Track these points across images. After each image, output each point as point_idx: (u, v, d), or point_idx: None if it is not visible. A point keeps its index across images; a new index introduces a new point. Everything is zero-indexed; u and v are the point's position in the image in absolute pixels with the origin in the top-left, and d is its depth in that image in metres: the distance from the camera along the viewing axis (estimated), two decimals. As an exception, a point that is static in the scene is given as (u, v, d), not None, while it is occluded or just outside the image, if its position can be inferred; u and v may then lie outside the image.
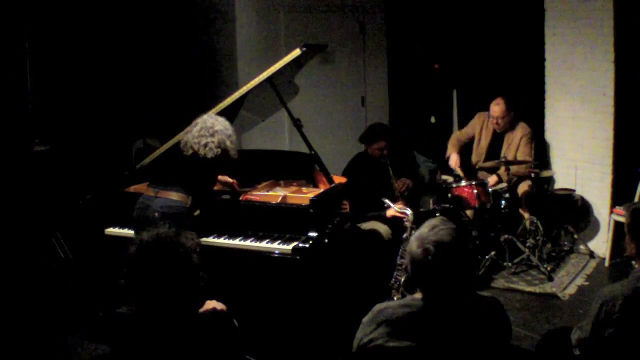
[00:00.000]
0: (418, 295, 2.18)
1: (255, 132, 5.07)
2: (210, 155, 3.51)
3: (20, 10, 5.20)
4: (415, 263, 2.09)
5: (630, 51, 4.97)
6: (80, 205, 4.22)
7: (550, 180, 5.69)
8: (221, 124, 3.58)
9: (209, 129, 3.54)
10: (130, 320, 2.08)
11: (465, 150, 5.64)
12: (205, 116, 3.62)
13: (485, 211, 5.02)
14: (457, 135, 5.72)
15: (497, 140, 5.42)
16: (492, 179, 5.15)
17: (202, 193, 3.68)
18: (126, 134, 5.87)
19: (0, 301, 4.37)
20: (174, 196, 3.53)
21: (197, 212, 3.69)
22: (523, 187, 5.19)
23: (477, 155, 5.53)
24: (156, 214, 3.47)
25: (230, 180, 4.10)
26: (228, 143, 3.58)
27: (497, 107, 5.25)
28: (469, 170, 5.47)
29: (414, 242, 2.11)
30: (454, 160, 5.48)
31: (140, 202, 3.63)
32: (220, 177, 4.03)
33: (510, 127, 5.33)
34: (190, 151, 3.55)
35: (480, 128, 5.53)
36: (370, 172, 4.69)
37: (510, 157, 5.20)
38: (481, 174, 5.44)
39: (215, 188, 3.98)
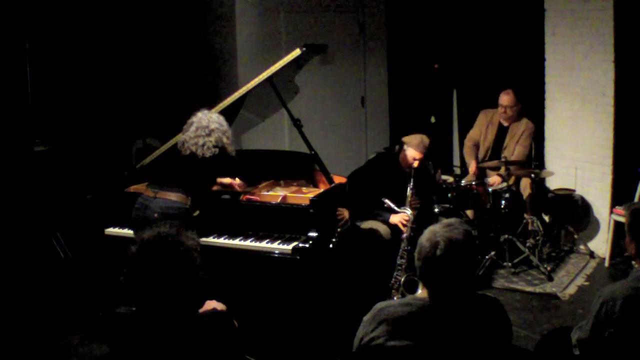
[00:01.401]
0: (419, 295, 2.18)
1: (255, 132, 5.06)
2: (208, 154, 3.52)
3: (20, 11, 5.20)
4: (423, 255, 2.10)
5: (630, 51, 4.96)
6: (80, 205, 4.22)
7: (544, 180, 5.69)
8: (216, 122, 3.58)
9: (205, 129, 3.54)
10: (130, 320, 2.08)
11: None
12: (199, 114, 3.62)
13: (485, 211, 5.02)
14: (470, 139, 5.73)
15: (502, 135, 5.48)
16: (493, 179, 5.17)
17: (202, 193, 3.68)
18: (126, 134, 5.86)
19: (0, 301, 4.37)
20: (173, 197, 3.53)
21: (196, 213, 3.68)
22: (527, 190, 5.19)
23: (483, 150, 5.58)
24: (155, 215, 3.46)
25: (236, 182, 4.08)
26: (225, 140, 3.59)
27: (506, 96, 5.35)
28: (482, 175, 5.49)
29: (426, 234, 2.13)
30: (472, 169, 5.55)
31: (139, 203, 3.62)
32: (222, 180, 4.03)
33: (516, 119, 5.42)
34: (188, 152, 3.55)
35: (486, 125, 5.58)
36: (392, 177, 4.56)
37: (511, 150, 5.33)
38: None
39: (215, 188, 3.98)
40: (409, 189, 4.43)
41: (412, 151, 4.48)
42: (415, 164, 4.48)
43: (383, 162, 4.73)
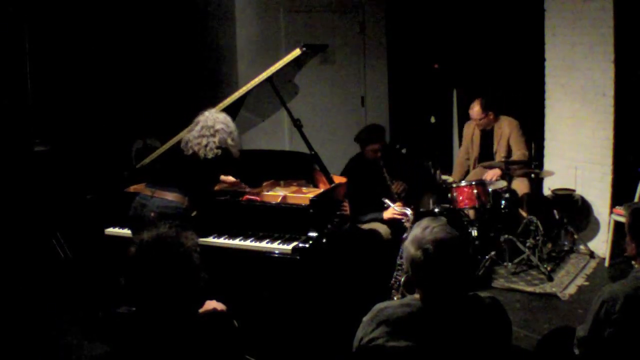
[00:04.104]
0: (418, 296, 2.18)
1: (255, 132, 5.06)
2: (210, 155, 3.50)
3: (20, 11, 5.20)
4: (415, 266, 2.08)
5: (630, 51, 4.96)
6: (80, 205, 4.22)
7: (542, 180, 5.70)
8: (222, 122, 3.57)
9: (210, 129, 3.53)
10: (130, 320, 2.08)
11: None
12: (206, 113, 3.61)
13: (485, 211, 5.02)
14: (460, 156, 5.91)
15: (488, 140, 5.59)
16: (493, 173, 5.19)
17: (201, 194, 3.67)
18: (126, 134, 5.87)
19: (0, 301, 4.37)
20: (170, 196, 3.52)
21: (194, 213, 3.68)
22: (522, 188, 5.21)
23: (472, 161, 5.70)
24: (152, 214, 3.45)
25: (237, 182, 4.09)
26: (229, 141, 3.57)
27: (472, 111, 5.53)
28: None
29: (411, 245, 2.09)
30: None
31: (136, 202, 3.61)
32: (226, 178, 4.03)
33: (495, 123, 5.53)
34: (191, 151, 3.54)
35: (471, 134, 5.73)
36: (367, 174, 4.66)
37: (502, 152, 5.41)
38: (481, 172, 5.47)
39: (219, 188, 3.98)
40: (387, 179, 4.57)
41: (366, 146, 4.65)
42: (378, 154, 4.62)
43: (356, 163, 4.80)
